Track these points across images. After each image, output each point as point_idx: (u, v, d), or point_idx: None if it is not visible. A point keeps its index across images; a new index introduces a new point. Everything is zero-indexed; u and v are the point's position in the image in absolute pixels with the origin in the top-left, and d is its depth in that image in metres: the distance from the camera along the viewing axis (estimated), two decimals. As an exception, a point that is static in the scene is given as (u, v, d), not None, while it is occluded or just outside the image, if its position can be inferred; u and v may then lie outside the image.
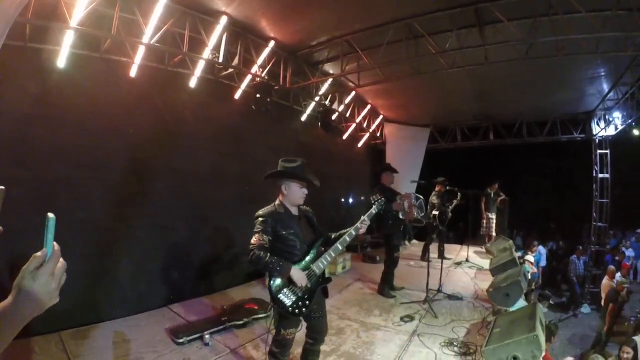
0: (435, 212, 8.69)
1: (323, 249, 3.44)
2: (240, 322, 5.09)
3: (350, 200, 12.72)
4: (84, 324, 4.79)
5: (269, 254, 3.08)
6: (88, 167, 5.12)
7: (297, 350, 3.62)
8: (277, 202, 3.45)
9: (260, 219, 3.27)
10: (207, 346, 4.51)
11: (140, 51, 5.72)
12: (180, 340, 4.48)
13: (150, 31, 5.53)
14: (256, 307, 5.46)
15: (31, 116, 4.60)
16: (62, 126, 4.87)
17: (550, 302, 8.07)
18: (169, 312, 5.61)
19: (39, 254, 1.06)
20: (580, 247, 12.58)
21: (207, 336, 4.60)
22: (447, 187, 9.20)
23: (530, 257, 9.18)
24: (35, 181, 4.56)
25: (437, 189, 9.21)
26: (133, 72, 5.78)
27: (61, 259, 1.13)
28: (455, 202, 9.42)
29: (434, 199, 9.07)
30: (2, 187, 1.05)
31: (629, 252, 13.09)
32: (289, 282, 3.15)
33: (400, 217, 6.30)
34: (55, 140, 4.78)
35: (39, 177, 4.60)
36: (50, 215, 1.07)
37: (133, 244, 5.64)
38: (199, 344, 4.54)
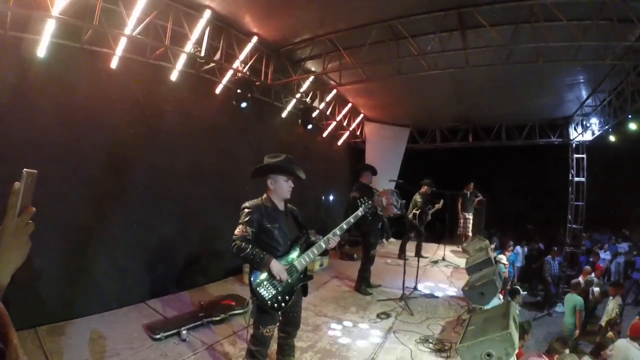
0: (416, 212, 8.81)
1: (306, 245, 3.45)
2: (218, 318, 5.08)
3: (330, 198, 12.75)
4: (60, 320, 4.70)
5: (250, 246, 3.09)
6: (65, 162, 5.01)
7: (273, 346, 3.63)
8: (264, 196, 3.46)
9: (247, 210, 3.29)
10: (185, 342, 4.48)
11: (122, 43, 5.62)
12: (158, 336, 4.45)
13: (132, 23, 5.46)
14: (233, 303, 5.46)
15: (8, 107, 4.48)
16: (40, 118, 4.76)
17: (522, 291, 8.22)
18: (146, 308, 5.57)
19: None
20: (555, 248, 12.86)
21: (184, 332, 4.57)
22: (433, 189, 9.34)
23: (502, 257, 9.33)
24: (10, 175, 4.45)
25: (422, 189, 9.32)
26: (114, 64, 5.68)
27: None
28: (437, 206, 9.57)
29: (417, 197, 9.19)
30: (35, 170, 1.09)
31: (605, 255, 13.44)
32: (270, 276, 3.16)
33: (379, 213, 6.36)
34: (32, 133, 4.66)
35: (13, 171, 4.49)
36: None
37: (110, 240, 5.56)
38: (176, 339, 4.51)
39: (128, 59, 5.85)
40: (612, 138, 11.24)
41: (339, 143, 13.35)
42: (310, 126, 9.75)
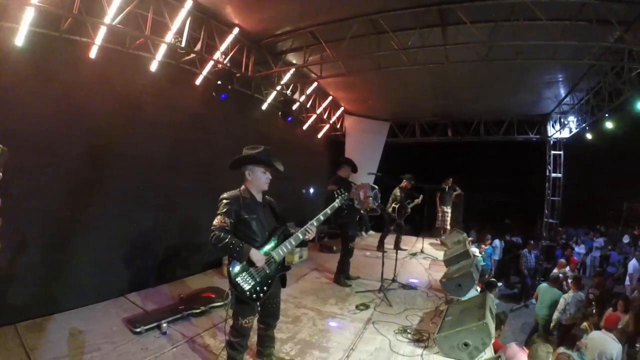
0: (395, 205, 8.89)
1: (284, 237, 3.47)
2: (198, 311, 5.07)
3: (308, 190, 12.80)
4: (39, 316, 4.64)
5: (229, 236, 3.10)
6: (42, 153, 4.91)
7: (253, 338, 3.65)
8: (242, 187, 3.47)
9: (225, 201, 3.30)
10: (165, 335, 4.46)
11: (102, 32, 5.54)
12: (138, 330, 4.43)
13: (112, 12, 5.37)
14: (213, 296, 5.46)
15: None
16: (17, 108, 4.65)
17: (500, 286, 8.41)
18: (126, 301, 5.52)
19: None
20: (532, 242, 13.13)
21: (164, 325, 4.55)
22: (413, 184, 9.43)
23: (475, 250, 9.49)
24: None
25: (403, 184, 9.40)
26: (93, 54, 5.59)
27: None
28: (416, 201, 9.68)
29: (397, 192, 9.26)
30: (4, 147, 1.08)
31: (579, 249, 13.80)
32: (248, 267, 3.19)
33: (356, 206, 6.39)
34: (8, 122, 4.54)
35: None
36: None
37: (88, 233, 5.47)
38: (156, 333, 4.49)
39: (107, 49, 5.76)
40: (589, 136, 11.51)
41: (319, 136, 13.38)
42: (290, 118, 9.76)
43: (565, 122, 11.87)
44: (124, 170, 6.03)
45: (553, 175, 12.96)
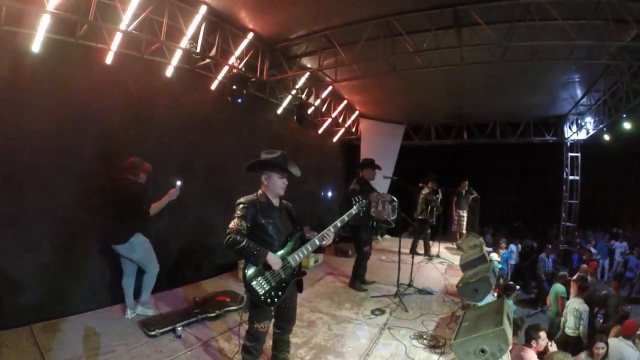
0: (434, 205, 8.99)
1: (300, 242, 3.47)
2: (213, 314, 5.07)
3: (323, 194, 12.76)
4: (54, 317, 4.66)
5: (246, 239, 3.08)
6: (57, 154, 4.98)
7: (268, 343, 3.64)
8: (259, 192, 3.47)
9: (242, 205, 3.29)
10: (179, 338, 4.47)
11: (117, 38, 5.60)
12: (152, 333, 4.44)
13: (128, 18, 5.43)
14: (228, 300, 5.45)
15: (1, 100, 4.44)
16: (33, 112, 4.72)
17: (517, 291, 8.23)
18: (141, 304, 5.54)
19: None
20: (550, 246, 12.93)
21: (179, 328, 4.56)
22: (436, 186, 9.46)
23: (494, 255, 9.36)
24: (1, 168, 4.44)
25: (429, 185, 9.41)
26: (109, 59, 5.66)
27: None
28: (439, 196, 9.66)
29: (428, 196, 9.23)
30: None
31: (593, 251, 13.54)
32: (264, 271, 3.17)
33: (371, 213, 6.33)
34: (25, 126, 4.63)
35: (4, 164, 4.46)
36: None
37: (102, 234, 5.51)
38: (171, 336, 4.50)
39: (123, 55, 5.82)
40: (606, 137, 11.31)
41: (334, 140, 13.36)
42: (305, 122, 9.76)
43: (582, 124, 11.70)
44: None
45: (570, 177, 12.78)
